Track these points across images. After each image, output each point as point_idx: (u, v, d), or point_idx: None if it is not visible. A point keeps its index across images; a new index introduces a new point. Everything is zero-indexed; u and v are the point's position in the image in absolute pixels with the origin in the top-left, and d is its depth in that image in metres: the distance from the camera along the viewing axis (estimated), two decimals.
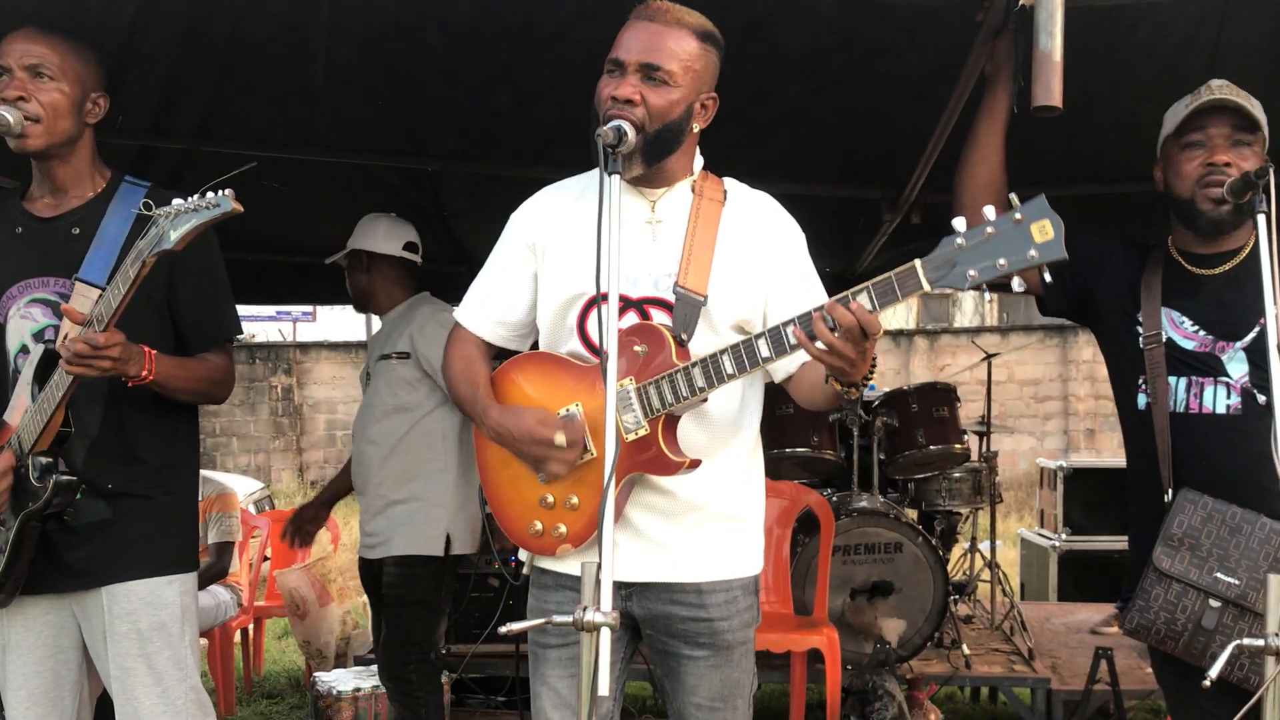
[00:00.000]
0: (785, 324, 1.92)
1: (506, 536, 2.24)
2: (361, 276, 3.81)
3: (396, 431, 3.67)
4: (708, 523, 2.15)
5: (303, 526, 4.19)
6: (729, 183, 2.23)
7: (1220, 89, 2.34)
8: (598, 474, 1.93)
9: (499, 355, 2.32)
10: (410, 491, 3.66)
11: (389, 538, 3.66)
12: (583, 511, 2.10)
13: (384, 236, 3.77)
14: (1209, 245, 2.43)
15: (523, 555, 2.24)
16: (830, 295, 2.18)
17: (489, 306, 2.27)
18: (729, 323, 2.13)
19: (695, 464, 2.05)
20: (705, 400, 2.06)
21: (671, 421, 2.06)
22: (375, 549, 3.70)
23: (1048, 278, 1.84)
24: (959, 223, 1.80)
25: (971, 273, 1.78)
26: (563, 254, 2.17)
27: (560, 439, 2.04)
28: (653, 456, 2.04)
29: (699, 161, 2.21)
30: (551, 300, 2.18)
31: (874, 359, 1.92)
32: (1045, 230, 1.73)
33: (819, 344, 1.85)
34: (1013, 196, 1.79)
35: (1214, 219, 2.36)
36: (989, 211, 1.79)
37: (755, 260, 2.16)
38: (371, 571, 3.78)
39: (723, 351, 1.98)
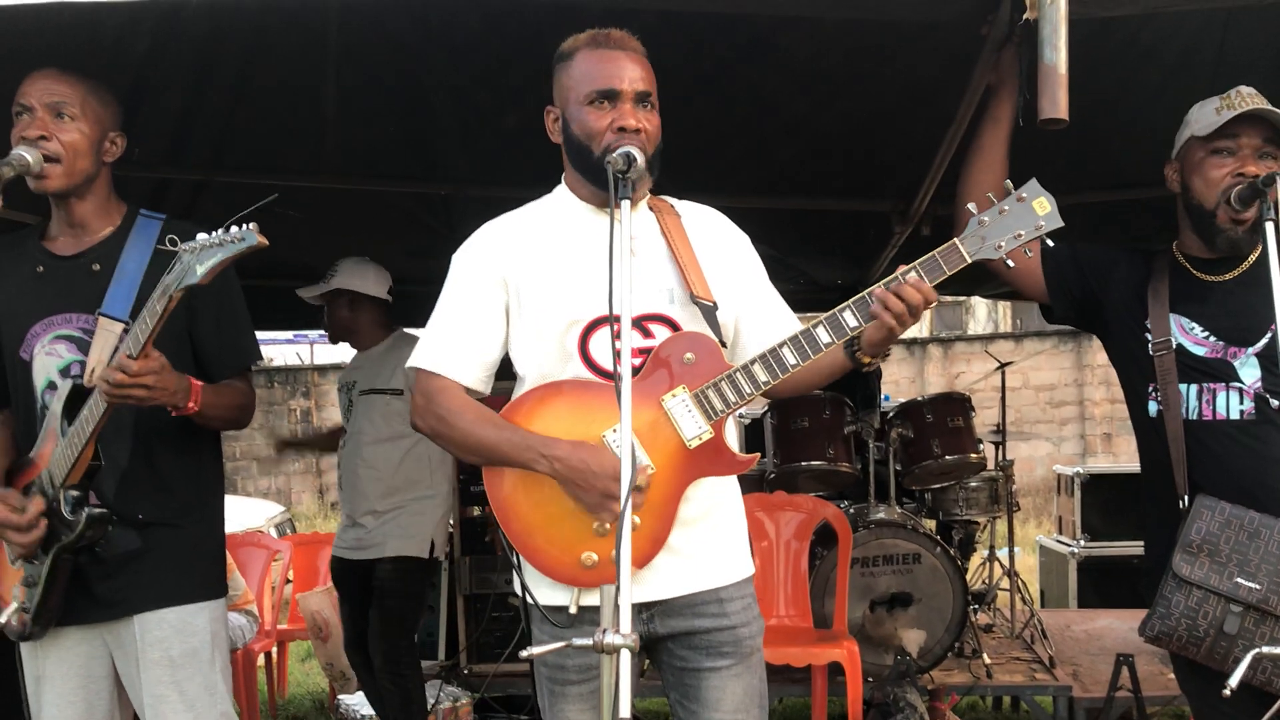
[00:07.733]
0: (841, 310, 2.07)
1: (548, 577, 2.12)
2: (344, 314, 4.26)
3: (393, 457, 4.15)
4: (718, 526, 2.21)
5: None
6: (670, 198, 2.29)
7: (1252, 97, 2.33)
8: (656, 491, 2.04)
9: None
10: (398, 502, 4.14)
11: (381, 541, 4.12)
12: (643, 531, 2.04)
13: (375, 281, 4.23)
14: (1218, 252, 2.43)
15: (561, 599, 2.11)
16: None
17: (469, 348, 2.17)
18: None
19: (755, 458, 2.13)
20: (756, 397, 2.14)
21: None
22: (366, 550, 4.14)
23: (1030, 252, 2.10)
24: (973, 206, 2.11)
25: (999, 244, 2.10)
26: (546, 283, 2.14)
27: (640, 480, 1.97)
28: (721, 459, 2.10)
29: None
30: (541, 330, 2.13)
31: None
32: (1044, 205, 2.11)
33: (889, 316, 2.02)
34: (1008, 183, 2.10)
35: (1232, 238, 2.37)
36: (993, 196, 2.11)
37: (727, 266, 2.23)
38: (353, 570, 4.20)
39: (781, 345, 2.06)
